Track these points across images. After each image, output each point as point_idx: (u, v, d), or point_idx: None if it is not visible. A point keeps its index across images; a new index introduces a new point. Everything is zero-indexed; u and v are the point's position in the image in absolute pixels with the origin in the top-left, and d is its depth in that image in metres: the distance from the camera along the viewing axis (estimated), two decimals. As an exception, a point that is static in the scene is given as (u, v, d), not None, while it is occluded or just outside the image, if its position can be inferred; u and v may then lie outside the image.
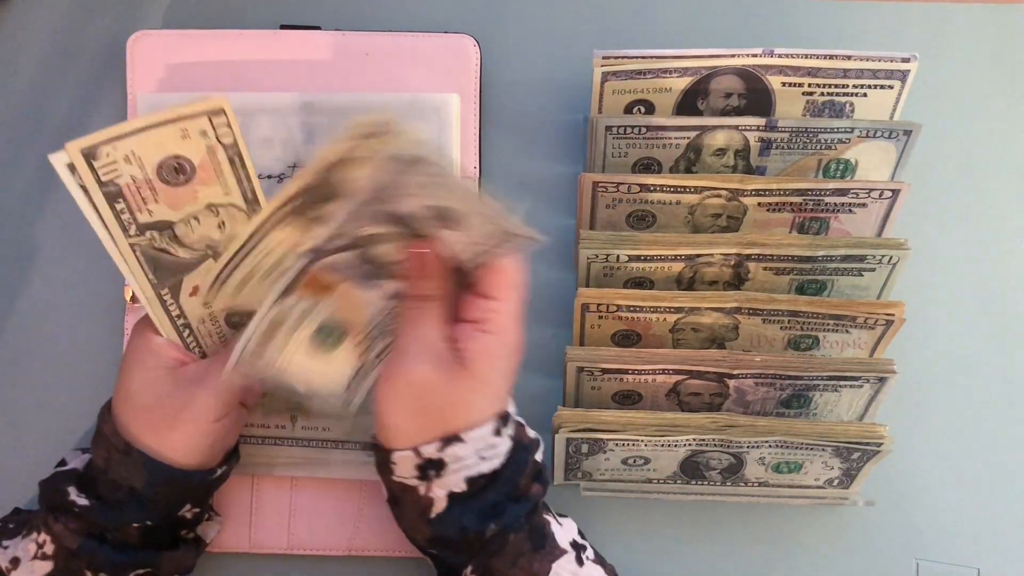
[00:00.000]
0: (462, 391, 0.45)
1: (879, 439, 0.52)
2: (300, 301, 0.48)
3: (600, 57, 0.54)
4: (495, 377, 0.46)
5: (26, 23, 0.63)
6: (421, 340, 0.46)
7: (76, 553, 0.48)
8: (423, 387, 0.45)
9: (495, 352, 0.46)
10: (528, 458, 0.48)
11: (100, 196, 0.45)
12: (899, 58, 0.54)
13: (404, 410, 0.45)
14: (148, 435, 0.47)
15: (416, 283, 0.47)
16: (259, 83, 0.59)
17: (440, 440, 0.45)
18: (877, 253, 0.53)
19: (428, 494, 0.46)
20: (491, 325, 0.46)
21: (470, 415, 0.46)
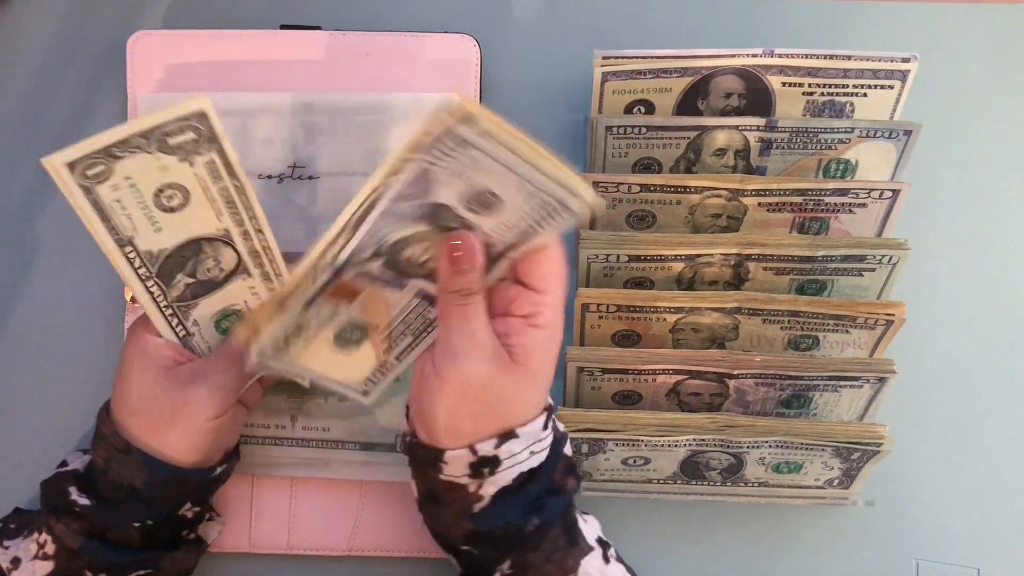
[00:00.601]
0: (517, 387, 0.44)
1: (879, 439, 0.52)
2: (325, 306, 0.48)
3: (600, 57, 0.54)
4: (548, 372, 0.46)
5: (26, 23, 0.63)
6: (471, 338, 0.44)
7: (77, 553, 0.48)
8: (481, 386, 0.44)
9: (546, 346, 0.45)
10: (561, 451, 0.48)
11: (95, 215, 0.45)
12: (899, 58, 0.54)
13: (462, 411, 0.44)
14: (147, 434, 0.47)
15: (454, 278, 0.45)
16: (259, 83, 0.59)
17: (497, 437, 0.44)
18: (877, 253, 0.53)
19: (478, 492, 0.45)
20: (542, 319, 0.45)
21: (524, 411, 0.45)
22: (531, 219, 0.44)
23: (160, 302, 0.48)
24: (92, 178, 0.44)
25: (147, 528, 0.49)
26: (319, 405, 0.57)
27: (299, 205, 0.57)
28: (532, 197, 0.43)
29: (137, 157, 0.44)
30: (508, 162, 0.42)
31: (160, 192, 0.46)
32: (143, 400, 0.48)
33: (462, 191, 0.43)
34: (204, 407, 0.48)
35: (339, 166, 0.57)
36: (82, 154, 0.43)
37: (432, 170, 0.42)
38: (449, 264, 0.45)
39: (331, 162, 0.57)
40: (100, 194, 0.44)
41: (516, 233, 0.45)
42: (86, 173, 0.43)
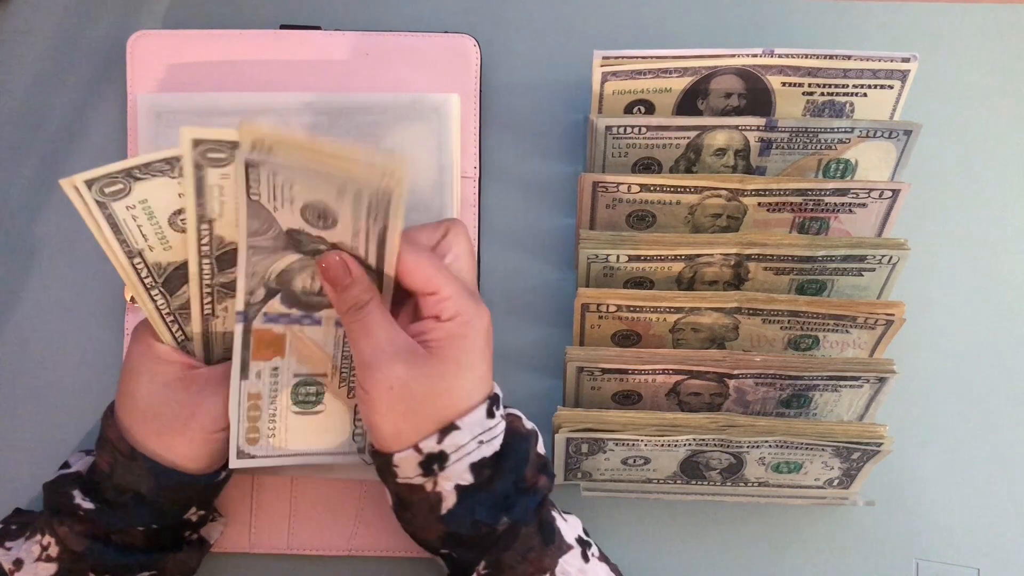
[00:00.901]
0: (444, 378, 0.45)
1: (879, 439, 0.52)
2: (262, 366, 0.49)
3: (600, 57, 0.54)
4: (471, 358, 0.46)
5: (26, 23, 0.63)
6: (378, 345, 0.45)
7: (81, 556, 0.48)
8: (404, 386, 0.45)
9: (462, 334, 0.46)
10: (528, 448, 0.48)
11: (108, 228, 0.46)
12: (899, 58, 0.54)
13: (395, 414, 0.45)
14: (153, 440, 0.48)
15: (342, 296, 0.46)
16: (259, 83, 0.59)
17: (437, 432, 0.45)
18: (877, 253, 0.53)
19: (436, 489, 0.46)
20: (446, 313, 0.46)
21: (459, 401, 0.46)
22: (370, 213, 0.44)
23: (163, 309, 0.49)
24: (109, 195, 0.45)
25: (151, 531, 0.49)
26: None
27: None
28: (352, 193, 0.44)
29: (158, 180, 0.45)
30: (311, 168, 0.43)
31: (176, 214, 0.47)
32: (152, 406, 0.48)
33: (295, 211, 0.45)
34: (214, 418, 0.48)
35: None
36: (103, 173, 0.44)
37: (260, 201, 0.45)
38: (330, 285, 0.46)
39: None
40: (115, 210, 0.45)
41: (370, 235, 0.45)
42: (104, 190, 0.45)
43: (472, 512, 0.46)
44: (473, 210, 0.60)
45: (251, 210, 0.45)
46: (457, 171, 0.57)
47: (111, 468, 0.48)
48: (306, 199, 0.45)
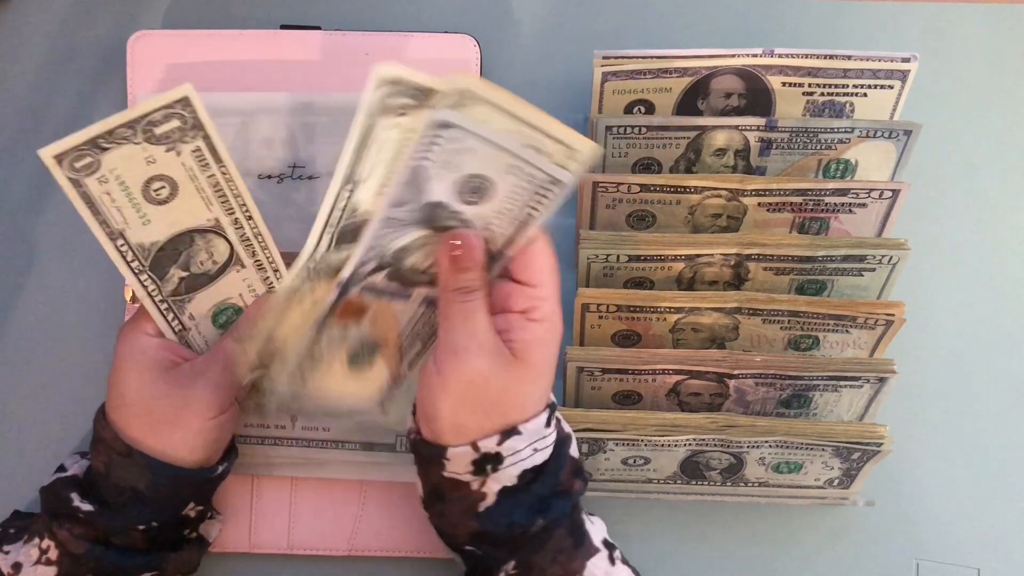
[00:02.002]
0: (519, 383, 0.44)
1: (879, 439, 0.52)
2: (334, 329, 0.48)
3: (600, 57, 0.54)
4: (549, 365, 0.45)
5: (26, 23, 0.63)
6: (472, 335, 0.44)
7: (82, 558, 0.48)
8: (483, 382, 0.44)
9: (546, 340, 0.45)
10: (567, 451, 0.47)
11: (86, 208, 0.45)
12: (899, 58, 0.54)
13: (465, 407, 0.44)
14: (148, 436, 0.47)
15: (455, 276, 0.45)
16: (259, 83, 0.59)
17: (500, 433, 0.44)
18: (877, 253, 0.53)
19: (481, 489, 0.45)
20: (539, 313, 0.45)
21: (526, 406, 0.45)
22: (525, 198, 0.44)
23: (155, 296, 0.48)
24: (80, 170, 0.44)
25: (151, 530, 0.49)
26: (319, 405, 0.57)
27: (299, 205, 0.57)
28: (521, 173, 0.43)
29: (124, 148, 0.44)
30: (495, 137, 0.42)
31: (148, 184, 0.46)
32: (143, 402, 0.48)
33: (454, 182, 0.43)
34: (206, 406, 0.48)
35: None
36: (70, 146, 0.43)
37: (423, 166, 0.42)
38: (449, 263, 0.45)
39: (331, 162, 0.57)
40: (89, 187, 0.44)
41: (512, 220, 0.45)
42: (74, 165, 0.44)
43: (510, 514, 0.45)
44: (473, 210, 0.60)
45: (411, 176, 0.43)
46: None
47: (107, 468, 0.48)
48: (471, 171, 0.43)
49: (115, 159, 0.44)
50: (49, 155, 0.43)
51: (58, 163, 0.43)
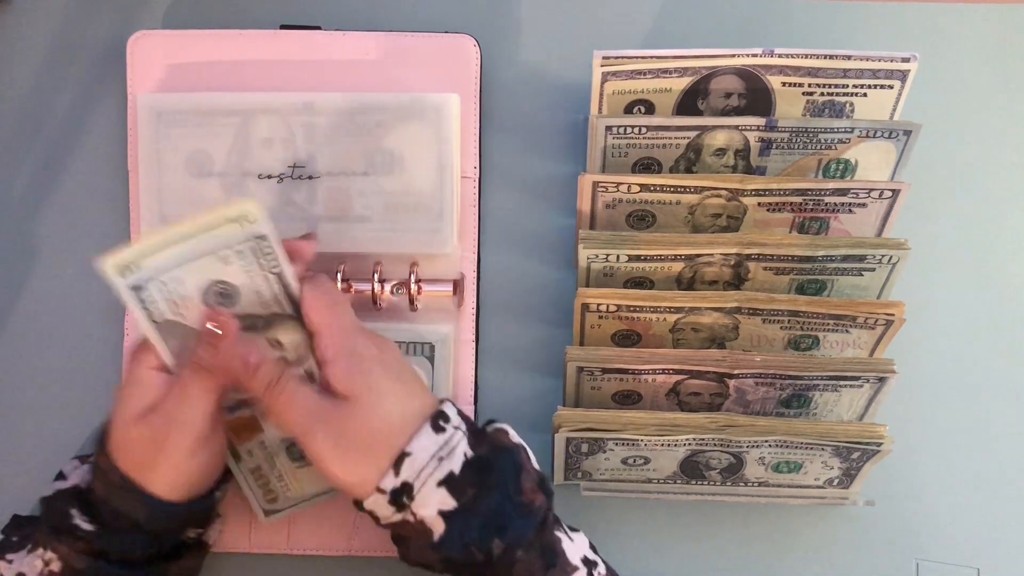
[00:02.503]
0: (359, 416, 0.45)
1: (879, 439, 0.52)
2: (250, 446, 0.52)
3: (600, 57, 0.54)
4: (380, 386, 0.46)
5: (26, 23, 0.63)
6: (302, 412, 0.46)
7: (84, 573, 0.47)
8: (339, 437, 0.45)
9: (353, 368, 0.46)
10: (516, 463, 0.47)
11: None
12: (899, 58, 0.54)
13: (346, 466, 0.45)
14: (135, 473, 0.47)
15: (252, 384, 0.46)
16: (259, 83, 0.59)
17: (391, 465, 0.45)
18: (877, 253, 0.53)
19: (418, 518, 0.45)
20: (327, 355, 0.46)
21: (397, 427, 0.46)
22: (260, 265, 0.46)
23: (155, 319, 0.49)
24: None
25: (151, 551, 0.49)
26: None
27: (299, 205, 0.57)
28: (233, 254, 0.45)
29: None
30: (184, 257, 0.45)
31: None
32: (126, 441, 0.47)
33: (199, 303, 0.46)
34: (180, 449, 0.47)
35: (339, 166, 0.57)
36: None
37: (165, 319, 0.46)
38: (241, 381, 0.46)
39: (331, 162, 0.57)
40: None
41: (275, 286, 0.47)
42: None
43: (463, 535, 0.45)
44: (473, 210, 0.60)
45: (164, 331, 0.46)
46: (457, 171, 0.57)
47: (106, 495, 0.48)
48: (200, 285, 0.46)
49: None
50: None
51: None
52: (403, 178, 0.57)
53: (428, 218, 0.57)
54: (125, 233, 0.59)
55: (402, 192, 0.56)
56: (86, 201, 0.60)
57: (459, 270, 0.58)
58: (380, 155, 0.57)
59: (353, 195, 0.57)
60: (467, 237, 0.59)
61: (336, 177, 0.57)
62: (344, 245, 0.57)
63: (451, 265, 0.58)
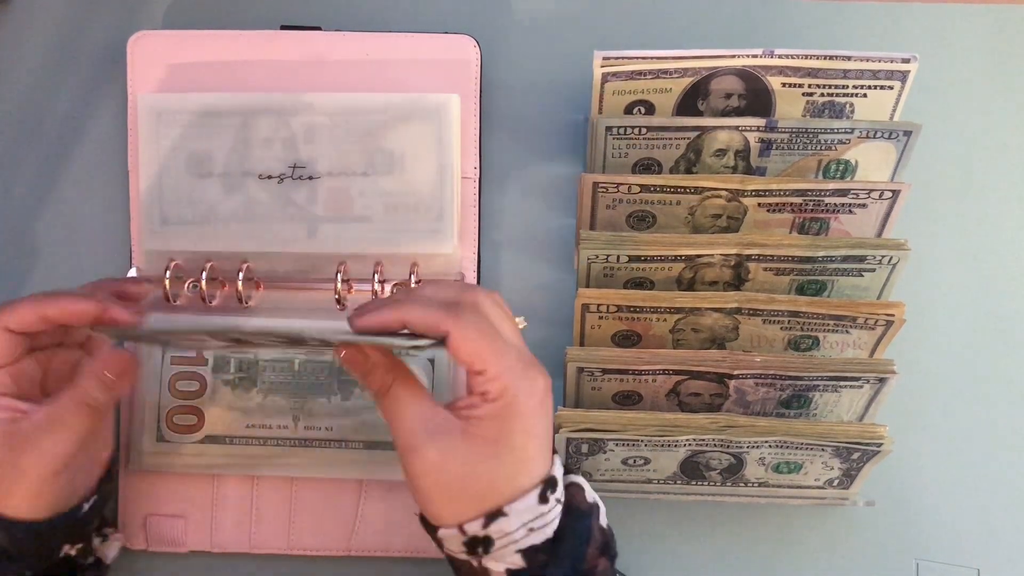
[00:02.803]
0: (483, 461, 0.42)
1: (879, 439, 0.52)
2: None
3: (600, 57, 0.54)
4: (515, 440, 0.43)
5: (26, 23, 0.63)
6: (411, 427, 0.43)
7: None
8: (439, 470, 0.42)
9: (504, 416, 0.42)
10: (589, 526, 0.45)
11: None
12: (899, 58, 0.54)
13: (434, 496, 0.43)
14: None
15: (367, 382, 0.45)
16: (259, 83, 0.59)
17: (484, 516, 0.42)
18: (877, 253, 0.53)
19: (483, 566, 0.44)
20: (491, 394, 0.42)
21: (502, 485, 0.43)
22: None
23: None
24: None
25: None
26: (322, 404, 0.57)
27: (299, 205, 0.57)
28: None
29: None
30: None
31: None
32: None
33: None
34: (46, 463, 0.44)
35: (339, 166, 0.57)
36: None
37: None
38: (356, 374, 0.45)
39: (331, 162, 0.57)
40: None
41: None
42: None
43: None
44: (473, 210, 0.60)
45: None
46: (457, 171, 0.57)
47: None
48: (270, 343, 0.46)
49: None
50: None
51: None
52: (403, 178, 0.57)
53: (428, 218, 0.57)
54: (125, 233, 0.59)
55: (402, 192, 0.57)
56: (86, 201, 0.60)
57: (459, 270, 0.58)
58: (380, 155, 0.57)
59: (353, 195, 0.57)
60: (467, 237, 0.59)
61: (336, 177, 0.57)
62: (344, 245, 0.57)
63: (451, 265, 0.58)
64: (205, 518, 0.58)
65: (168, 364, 0.57)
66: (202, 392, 0.57)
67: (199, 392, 0.57)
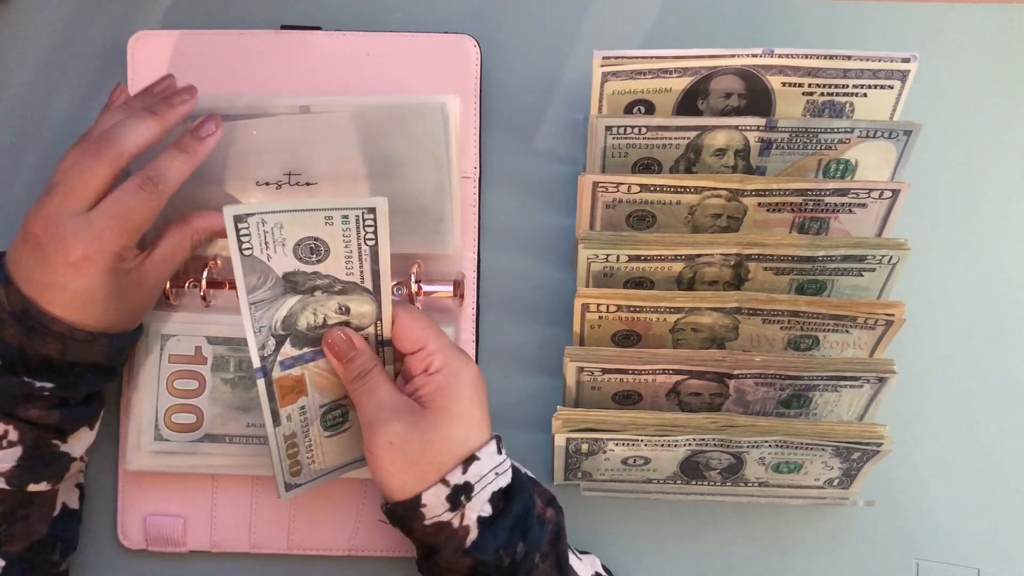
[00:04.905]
0: (437, 428, 0.48)
1: (879, 439, 0.52)
2: (291, 410, 0.52)
3: (600, 57, 0.54)
4: (463, 406, 0.49)
5: (26, 23, 0.63)
6: (380, 406, 0.49)
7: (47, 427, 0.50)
8: (402, 439, 0.48)
9: (449, 384, 0.49)
10: (530, 479, 0.51)
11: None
12: (899, 58, 0.54)
13: (395, 467, 0.48)
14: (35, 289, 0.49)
15: (348, 367, 0.50)
16: (259, 84, 0.59)
17: (462, 464, 0.48)
18: (877, 253, 0.53)
19: (463, 523, 0.48)
20: (433, 366, 0.49)
21: (456, 447, 0.49)
22: (359, 234, 0.48)
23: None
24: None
25: None
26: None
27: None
28: (338, 217, 0.47)
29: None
30: (294, 206, 0.47)
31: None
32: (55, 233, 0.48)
33: (290, 251, 0.48)
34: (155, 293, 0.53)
35: (338, 169, 0.57)
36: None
37: (253, 254, 0.47)
38: (336, 359, 0.50)
39: (330, 166, 0.57)
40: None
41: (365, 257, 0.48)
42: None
43: (494, 539, 0.48)
44: (473, 210, 0.60)
45: (246, 266, 0.47)
46: (457, 172, 0.57)
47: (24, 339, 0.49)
48: (296, 236, 0.47)
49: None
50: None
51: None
52: (403, 180, 0.56)
53: (429, 219, 0.57)
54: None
55: (402, 195, 0.56)
56: (86, 201, 0.60)
57: (460, 270, 0.58)
58: (380, 158, 0.56)
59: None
60: (467, 237, 0.59)
61: (335, 182, 0.57)
62: (344, 245, 0.57)
63: (452, 265, 0.58)
64: (205, 518, 0.58)
65: (167, 362, 0.57)
66: (201, 391, 0.57)
67: (198, 391, 0.57)
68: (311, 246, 0.48)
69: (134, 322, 0.53)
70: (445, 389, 0.49)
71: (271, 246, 0.47)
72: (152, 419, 0.56)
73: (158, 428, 0.56)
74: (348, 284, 0.49)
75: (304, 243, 0.47)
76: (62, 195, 0.49)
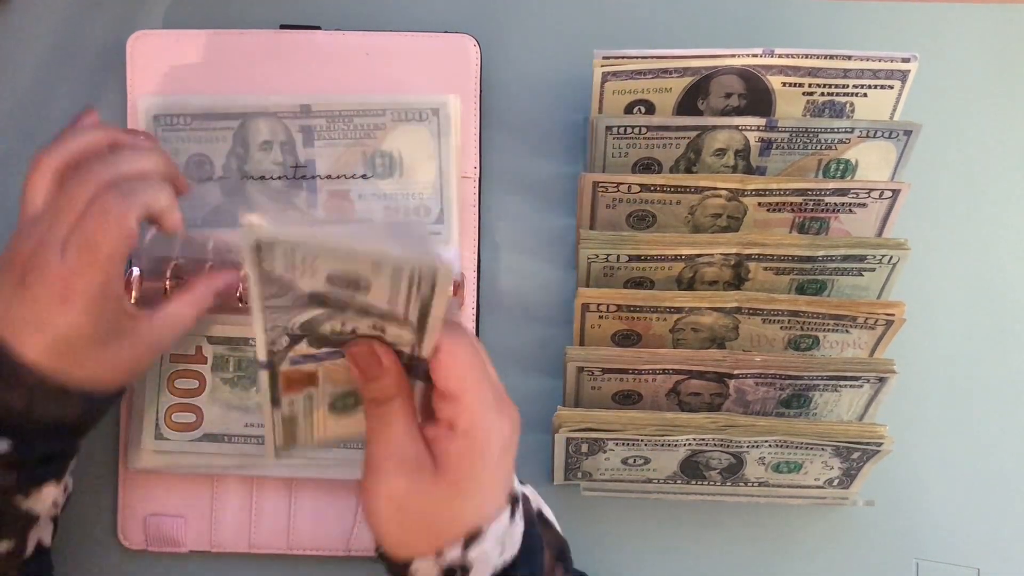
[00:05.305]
0: (447, 502, 0.41)
1: (879, 439, 0.52)
2: (295, 397, 0.46)
3: (600, 57, 0.54)
4: (482, 479, 0.42)
5: (26, 23, 0.63)
6: (388, 449, 0.42)
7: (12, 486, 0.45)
8: (403, 500, 0.41)
9: (470, 454, 0.41)
10: (539, 533, 0.45)
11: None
12: (899, 58, 0.54)
13: (391, 524, 0.42)
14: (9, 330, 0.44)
15: (369, 385, 0.42)
16: (259, 83, 0.59)
17: (463, 539, 0.41)
18: (877, 253, 0.53)
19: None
20: (460, 425, 0.41)
21: (465, 521, 0.42)
22: (412, 284, 0.40)
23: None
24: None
25: None
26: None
27: (299, 208, 0.57)
28: (390, 267, 0.39)
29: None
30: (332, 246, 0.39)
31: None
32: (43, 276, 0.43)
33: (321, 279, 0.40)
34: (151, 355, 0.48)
35: (339, 168, 0.57)
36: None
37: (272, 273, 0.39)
38: (359, 372, 0.43)
39: (330, 164, 0.57)
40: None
41: (413, 302, 0.41)
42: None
43: None
44: (473, 210, 0.60)
45: (264, 280, 0.40)
46: (457, 172, 0.57)
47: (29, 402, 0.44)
48: (333, 268, 0.40)
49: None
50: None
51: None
52: (403, 180, 0.57)
53: (428, 220, 0.57)
54: (125, 233, 0.59)
55: (402, 194, 0.57)
56: (86, 201, 0.60)
57: (459, 270, 0.58)
58: (380, 157, 0.57)
59: (353, 197, 0.57)
60: (467, 237, 0.59)
61: (336, 180, 0.57)
62: (344, 245, 0.57)
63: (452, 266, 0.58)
64: (205, 518, 0.58)
65: (167, 362, 0.57)
66: (201, 390, 0.57)
67: (198, 390, 0.57)
68: (351, 280, 0.40)
69: (116, 381, 0.47)
70: (466, 456, 0.41)
71: (298, 269, 0.40)
72: (153, 418, 0.57)
73: (159, 427, 0.56)
74: (388, 313, 0.42)
75: (341, 276, 0.40)
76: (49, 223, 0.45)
